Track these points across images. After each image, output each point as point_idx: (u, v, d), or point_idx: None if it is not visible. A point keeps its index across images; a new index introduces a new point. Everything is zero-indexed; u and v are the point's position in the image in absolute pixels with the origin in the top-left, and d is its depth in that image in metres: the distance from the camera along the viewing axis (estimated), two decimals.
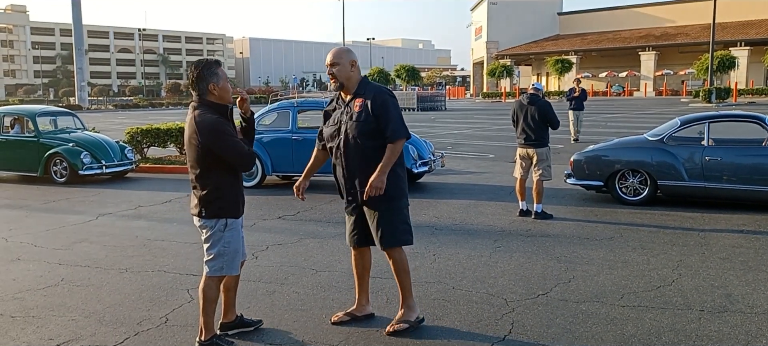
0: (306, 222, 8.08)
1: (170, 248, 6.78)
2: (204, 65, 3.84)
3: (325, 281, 5.48)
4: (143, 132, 14.86)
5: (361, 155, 4.18)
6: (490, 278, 5.49)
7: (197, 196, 3.88)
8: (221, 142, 3.75)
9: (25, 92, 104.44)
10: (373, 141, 4.15)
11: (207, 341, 3.98)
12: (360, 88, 4.25)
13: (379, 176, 4.11)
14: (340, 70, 4.20)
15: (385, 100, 4.20)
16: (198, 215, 3.89)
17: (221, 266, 3.91)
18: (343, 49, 4.32)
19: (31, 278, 5.75)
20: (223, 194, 3.86)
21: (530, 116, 7.85)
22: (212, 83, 3.82)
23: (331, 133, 4.30)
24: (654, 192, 8.72)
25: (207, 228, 3.89)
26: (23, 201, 10.17)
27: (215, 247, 3.89)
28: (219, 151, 3.76)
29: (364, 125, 4.15)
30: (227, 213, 3.88)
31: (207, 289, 3.94)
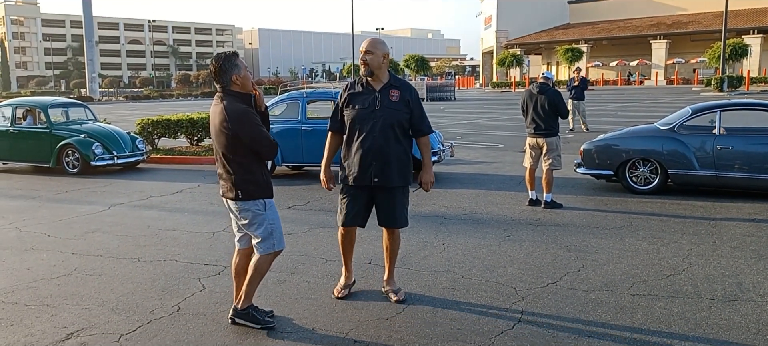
0: (316, 212, 8.12)
1: (182, 238, 6.84)
2: (224, 58, 3.98)
3: (334, 270, 5.51)
4: (154, 123, 14.94)
5: (396, 141, 4.52)
6: (500, 267, 5.50)
7: (231, 181, 4.00)
8: (250, 130, 3.90)
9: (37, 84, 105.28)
10: (403, 129, 4.55)
11: (243, 310, 4.17)
12: (393, 80, 4.62)
13: (429, 172, 4.74)
14: (373, 59, 4.48)
15: (417, 95, 4.69)
16: (235, 198, 4.01)
17: (272, 243, 4.09)
18: (378, 40, 4.62)
19: (45, 267, 5.82)
20: (256, 177, 4.02)
21: (540, 105, 7.82)
22: (234, 74, 3.95)
23: (362, 115, 4.51)
24: (664, 181, 8.68)
25: (247, 211, 4.02)
26: (36, 192, 10.27)
27: (261, 227, 4.05)
28: (247, 139, 3.89)
29: (401, 114, 4.50)
30: (264, 193, 4.05)
31: (261, 264, 4.12)
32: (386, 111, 4.45)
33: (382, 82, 4.52)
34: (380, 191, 4.56)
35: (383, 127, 4.45)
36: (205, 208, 8.58)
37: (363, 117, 4.49)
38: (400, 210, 4.64)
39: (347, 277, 4.94)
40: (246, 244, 4.23)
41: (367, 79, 4.54)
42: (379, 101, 4.47)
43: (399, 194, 4.61)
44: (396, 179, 4.53)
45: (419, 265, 5.64)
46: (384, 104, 4.47)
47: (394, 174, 4.51)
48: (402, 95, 4.50)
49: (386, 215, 4.63)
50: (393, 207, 4.60)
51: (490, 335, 4.05)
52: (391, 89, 4.50)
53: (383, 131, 4.45)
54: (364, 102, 4.51)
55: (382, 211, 4.64)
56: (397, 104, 4.47)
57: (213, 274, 5.49)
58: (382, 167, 4.48)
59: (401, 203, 4.63)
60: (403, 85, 4.59)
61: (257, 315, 4.19)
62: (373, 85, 4.53)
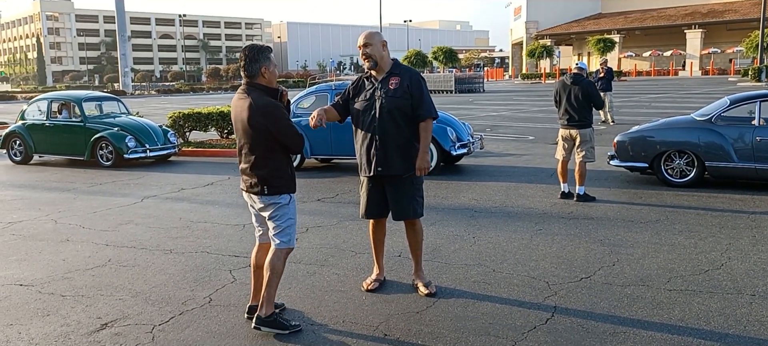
0: (345, 205, 8.11)
1: (213, 230, 6.89)
2: (258, 48, 3.97)
3: (364, 263, 5.49)
4: (185, 116, 15.11)
5: (396, 129, 4.49)
6: (532, 261, 5.41)
7: (257, 175, 3.96)
8: (279, 123, 3.88)
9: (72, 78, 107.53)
10: (405, 117, 4.48)
11: (268, 318, 4.05)
12: (394, 68, 4.60)
13: (424, 156, 4.52)
14: (373, 49, 4.51)
15: (419, 80, 4.62)
16: (260, 193, 3.98)
17: (289, 238, 4.05)
18: (373, 31, 4.67)
19: (80, 258, 5.92)
20: (283, 172, 3.99)
21: (573, 96, 7.68)
22: (264, 66, 3.93)
23: (364, 107, 4.55)
24: (701, 174, 8.46)
25: (272, 205, 3.99)
26: (71, 184, 10.47)
27: (282, 220, 4.01)
28: (276, 132, 3.87)
29: (401, 101, 4.46)
30: (288, 189, 4.02)
31: (276, 262, 4.04)
32: (386, 100, 4.45)
33: (384, 72, 4.53)
34: (388, 181, 4.57)
35: (382, 115, 4.45)
36: (235, 200, 8.64)
37: (365, 108, 4.53)
38: (409, 200, 4.57)
39: (378, 273, 4.92)
40: (267, 239, 4.18)
41: (372, 72, 4.56)
42: (380, 91, 4.48)
43: (406, 183, 4.56)
44: (399, 166, 4.51)
45: (449, 258, 5.58)
46: (383, 93, 4.46)
47: (396, 162, 4.49)
48: (401, 82, 4.46)
49: (395, 206, 4.62)
50: (400, 198, 4.58)
51: (522, 330, 3.99)
52: (391, 77, 4.50)
53: (382, 120, 4.45)
54: (367, 93, 4.55)
55: (390, 203, 4.63)
56: (396, 91, 4.45)
57: (243, 266, 5.51)
58: (383, 156, 4.48)
59: (409, 193, 4.58)
60: (404, 71, 4.55)
61: (282, 321, 4.08)
62: (376, 77, 4.56)
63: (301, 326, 4.12)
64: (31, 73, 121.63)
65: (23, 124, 13.39)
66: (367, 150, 4.53)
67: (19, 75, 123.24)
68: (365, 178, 4.65)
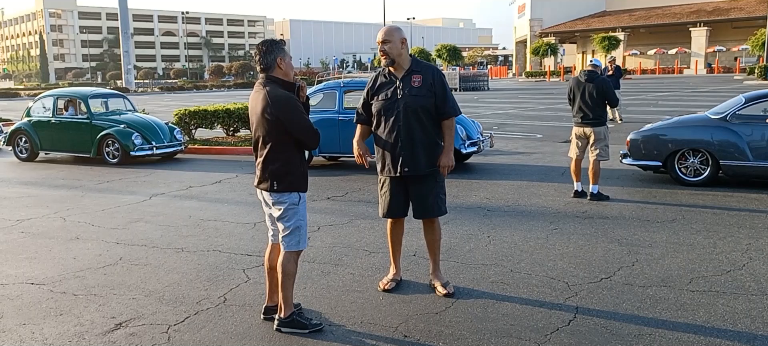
0: (355, 203, 8.03)
1: (223, 228, 6.82)
2: (272, 41, 3.90)
3: (379, 263, 5.42)
4: (191, 113, 15.04)
5: (421, 127, 4.42)
6: (549, 261, 5.33)
7: (268, 170, 3.87)
8: (294, 117, 3.78)
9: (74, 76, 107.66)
10: (429, 114, 4.40)
11: (287, 319, 3.99)
12: (415, 65, 4.51)
13: (449, 155, 4.48)
14: (391, 47, 4.40)
15: (442, 77, 4.54)
16: (269, 189, 3.88)
17: (298, 239, 3.94)
18: (393, 27, 4.53)
19: (91, 256, 5.85)
20: (295, 168, 3.89)
21: (588, 94, 7.59)
22: (279, 57, 3.86)
23: (386, 106, 4.46)
24: (716, 172, 8.37)
25: (281, 203, 3.89)
26: (78, 181, 10.40)
27: (291, 220, 3.90)
28: (291, 126, 3.78)
29: (425, 99, 4.38)
30: (299, 187, 3.91)
31: (287, 264, 3.94)
32: (409, 98, 4.36)
33: (403, 69, 4.43)
34: (412, 179, 4.50)
35: (407, 115, 4.38)
36: (245, 198, 8.57)
37: (387, 107, 4.44)
38: (433, 199, 4.52)
39: (395, 272, 4.84)
40: (278, 239, 4.06)
41: (390, 69, 4.47)
42: (401, 89, 4.39)
43: (430, 181, 4.50)
44: (425, 165, 4.45)
45: (465, 258, 5.50)
46: (406, 92, 4.37)
47: (422, 161, 4.44)
48: (424, 79, 4.39)
49: (418, 204, 4.55)
50: (424, 196, 4.52)
51: (545, 332, 3.91)
52: (413, 75, 4.41)
53: (407, 119, 4.38)
54: (387, 92, 4.45)
55: (414, 201, 4.57)
56: (420, 90, 4.37)
57: (256, 265, 5.44)
58: (410, 155, 4.41)
59: (433, 191, 4.52)
60: (426, 68, 4.48)
61: (303, 320, 4.01)
62: (395, 74, 4.46)
63: (322, 325, 4.05)
64: (34, 70, 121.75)
65: (29, 121, 13.32)
66: (391, 150, 4.44)
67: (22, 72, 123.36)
68: (388, 177, 4.56)
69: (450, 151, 4.50)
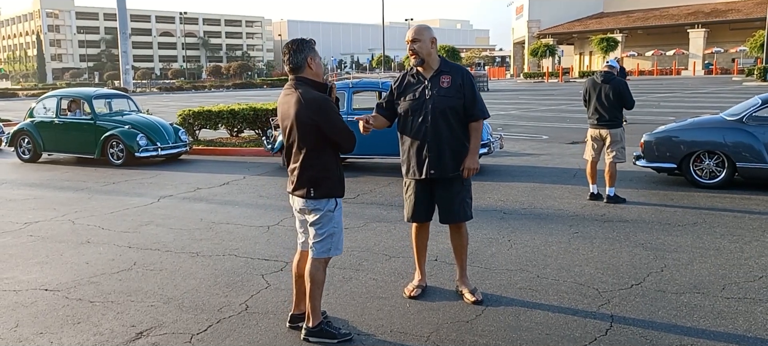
0: (369, 205, 7.90)
1: (237, 232, 6.68)
2: (301, 40, 3.75)
3: (400, 268, 5.29)
4: (195, 114, 14.90)
5: (449, 129, 4.30)
6: (575, 266, 5.21)
7: (304, 176, 3.72)
8: (332, 120, 3.64)
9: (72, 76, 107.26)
10: (458, 116, 4.29)
11: (315, 328, 3.84)
12: (444, 65, 4.38)
13: (474, 158, 4.36)
14: (421, 46, 4.28)
15: (471, 78, 4.43)
16: (306, 196, 3.73)
17: (329, 247, 3.79)
18: (423, 26, 4.39)
19: (104, 261, 5.71)
20: (332, 173, 3.75)
21: (604, 95, 7.48)
22: (310, 56, 3.72)
23: (413, 106, 4.33)
24: (731, 175, 8.27)
25: (317, 210, 3.75)
26: (83, 183, 10.25)
27: (326, 227, 3.76)
28: (327, 129, 3.63)
29: (453, 100, 4.26)
30: (336, 192, 3.78)
31: (315, 272, 3.79)
32: (437, 99, 4.24)
33: (432, 70, 4.31)
34: (438, 183, 4.38)
35: (435, 116, 4.26)
36: (255, 200, 8.44)
37: (415, 108, 4.31)
38: (459, 203, 4.41)
39: (420, 279, 4.71)
40: (308, 246, 3.90)
41: (418, 69, 4.35)
42: (430, 90, 4.27)
43: (457, 185, 4.38)
44: (452, 168, 4.34)
45: (488, 262, 5.38)
46: (435, 92, 4.26)
47: (449, 164, 4.32)
48: (453, 80, 4.27)
49: (445, 209, 4.44)
50: (451, 200, 4.40)
51: (582, 342, 3.79)
52: (442, 76, 4.29)
53: (435, 121, 4.26)
54: (415, 92, 4.33)
55: (440, 205, 4.45)
56: (449, 90, 4.25)
57: (275, 270, 5.31)
58: (437, 158, 4.29)
59: (460, 195, 4.41)
60: (455, 69, 4.36)
61: (331, 329, 3.88)
62: (423, 74, 4.34)
63: (351, 335, 3.91)
64: (31, 70, 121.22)
65: (32, 121, 13.16)
66: (417, 152, 4.32)
67: (19, 72, 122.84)
68: (413, 180, 4.44)
69: (476, 154, 4.40)
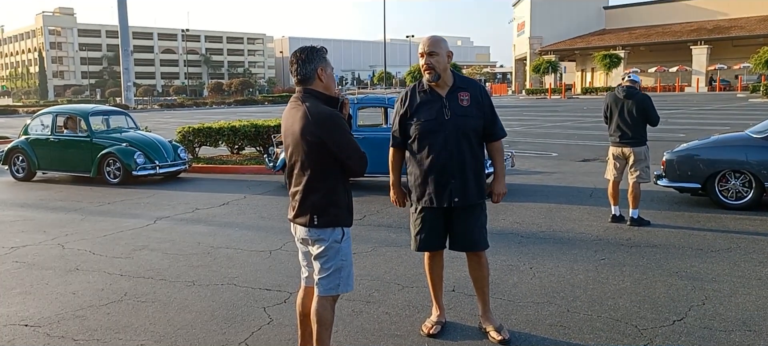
0: (376, 228, 7.46)
1: (237, 257, 6.24)
2: (311, 48, 3.29)
3: (415, 299, 4.84)
4: (195, 131, 14.50)
5: (472, 153, 3.89)
6: (608, 299, 4.76)
7: (307, 202, 3.26)
8: (341, 137, 3.17)
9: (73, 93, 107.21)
10: (478, 136, 3.94)
11: None
12: (459, 80, 3.96)
13: (503, 182, 4.10)
14: (438, 60, 3.85)
15: (488, 95, 4.04)
16: (308, 224, 3.27)
17: (337, 283, 3.31)
18: (438, 37, 3.93)
19: (92, 291, 5.26)
20: (339, 199, 3.28)
21: (627, 111, 7.06)
22: (320, 67, 3.25)
23: (430, 128, 3.87)
24: (759, 196, 7.83)
25: (321, 240, 3.28)
26: (77, 203, 9.82)
27: (332, 261, 3.29)
28: (336, 149, 3.17)
29: (475, 120, 3.90)
30: (343, 221, 3.31)
31: (322, 312, 3.32)
32: (458, 119, 3.83)
33: (447, 86, 3.88)
34: (458, 210, 3.93)
35: (457, 138, 3.82)
36: (256, 222, 8.00)
37: (432, 129, 3.84)
38: (479, 230, 3.99)
39: (439, 314, 4.26)
40: (313, 281, 3.43)
41: (432, 85, 3.89)
42: (448, 109, 3.83)
43: (477, 211, 3.98)
44: (475, 194, 3.92)
45: (511, 294, 4.93)
46: (454, 112, 3.83)
47: (473, 191, 3.90)
48: (472, 97, 3.88)
49: (464, 237, 3.98)
50: (471, 228, 3.95)
51: None
52: (460, 92, 3.87)
53: (458, 143, 3.82)
54: (431, 112, 3.85)
55: (459, 234, 3.98)
56: (469, 109, 3.85)
57: (278, 302, 4.86)
58: (461, 185, 3.86)
59: (479, 221, 4.00)
60: (471, 84, 3.96)
61: None
62: (437, 91, 3.88)
63: None
64: (33, 87, 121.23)
65: (26, 139, 12.75)
66: (437, 178, 3.85)
67: (21, 89, 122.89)
68: (425, 208, 3.98)
69: (503, 177, 4.11)
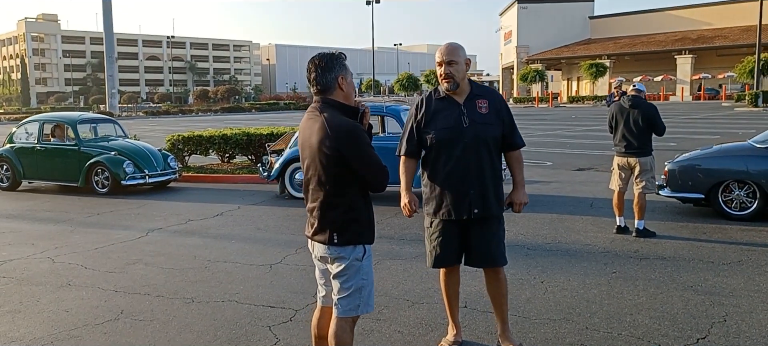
0: (379, 239, 7.16)
1: (236, 272, 6.02)
2: (331, 55, 3.11)
3: (426, 317, 4.66)
4: (184, 139, 14.24)
5: (490, 161, 3.74)
6: (626, 315, 4.60)
7: (327, 218, 3.08)
8: (362, 152, 2.99)
9: (57, 100, 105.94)
10: (497, 145, 3.82)
11: None
12: (476, 88, 3.83)
13: (524, 191, 3.98)
14: (457, 69, 3.72)
15: (505, 103, 3.90)
16: (328, 242, 3.08)
17: (358, 304, 3.11)
18: (457, 45, 3.80)
19: (86, 309, 5.02)
20: (360, 215, 3.10)
21: (633, 121, 6.95)
22: (341, 75, 3.08)
23: (448, 136, 3.71)
24: (764, 206, 7.74)
25: (342, 259, 3.09)
26: (65, 214, 9.53)
27: (352, 280, 3.09)
28: (356, 163, 2.99)
29: (495, 129, 3.78)
30: (365, 238, 3.13)
31: (341, 334, 3.12)
32: (477, 127, 3.69)
33: (464, 93, 3.76)
34: (475, 222, 3.76)
35: (477, 147, 3.68)
36: (253, 234, 7.78)
37: (451, 138, 3.69)
38: (497, 245, 3.83)
39: (456, 333, 4.09)
40: (330, 301, 3.25)
41: (449, 93, 3.75)
42: (467, 117, 3.69)
43: (495, 224, 3.83)
44: (495, 206, 3.77)
45: (525, 310, 4.76)
46: (473, 119, 3.69)
47: (493, 201, 3.76)
48: (491, 105, 3.75)
49: (482, 252, 3.81)
50: (489, 241, 3.80)
51: None
52: (478, 100, 3.75)
53: (477, 152, 3.68)
54: (449, 119, 3.71)
55: (476, 248, 3.81)
56: (488, 117, 3.73)
57: (283, 320, 4.65)
58: (481, 195, 3.71)
59: (498, 235, 3.85)
60: (489, 92, 3.86)
61: None
62: (455, 98, 3.74)
63: None
64: (15, 94, 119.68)
65: (11, 147, 12.43)
66: (457, 189, 3.70)
67: (2, 97, 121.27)
68: (443, 220, 3.81)
69: (524, 187, 3.98)
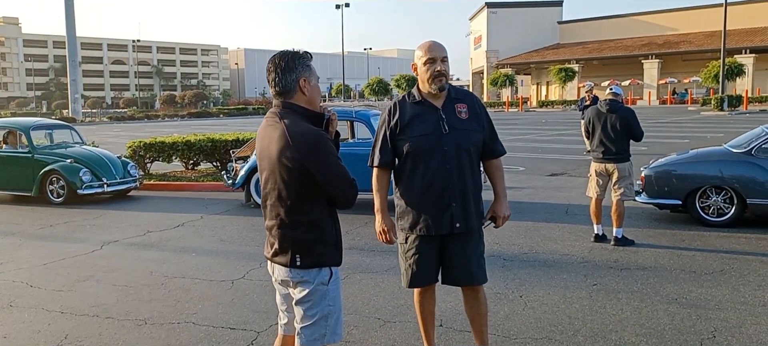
0: (347, 251, 6.85)
1: (194, 289, 5.61)
2: (292, 54, 2.75)
3: (399, 337, 4.33)
4: (146, 146, 13.68)
5: (472, 172, 3.46)
6: (611, 332, 4.34)
7: (288, 238, 2.73)
8: (326, 162, 2.65)
9: (18, 105, 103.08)
10: (478, 153, 3.52)
11: None
12: (454, 91, 3.52)
13: (506, 202, 3.64)
14: (448, 67, 3.42)
15: (485, 107, 3.60)
16: (290, 264, 2.73)
17: (323, 333, 2.75)
18: (440, 42, 3.47)
19: (27, 334, 4.57)
20: (325, 234, 2.75)
21: (610, 126, 6.74)
22: (304, 78, 2.73)
23: (426, 144, 3.37)
24: (741, 212, 7.60)
25: (305, 283, 2.74)
26: (16, 226, 8.97)
27: (317, 307, 2.74)
28: (321, 177, 2.65)
29: (476, 135, 3.47)
30: (331, 260, 2.78)
31: None
32: (458, 133, 3.38)
33: (442, 97, 3.43)
34: (454, 237, 3.43)
35: (458, 155, 3.36)
36: (215, 246, 7.36)
37: (429, 146, 3.35)
38: (477, 260, 3.51)
39: None
40: (293, 329, 2.88)
41: (422, 95, 3.42)
42: (446, 123, 3.37)
43: (475, 239, 3.51)
44: (476, 219, 3.46)
45: (505, 328, 4.46)
46: (452, 125, 3.37)
47: (475, 215, 3.45)
48: (470, 109, 3.45)
49: (462, 269, 3.48)
50: (469, 258, 3.47)
51: None
52: (457, 104, 3.44)
53: (458, 161, 3.36)
54: (426, 125, 3.36)
55: (456, 266, 3.49)
56: (469, 122, 3.42)
57: (244, 344, 4.27)
58: (463, 208, 3.39)
59: (478, 250, 3.53)
60: (468, 96, 3.55)
61: None
62: (432, 102, 3.41)
63: None
64: None
65: None
66: (436, 202, 3.37)
67: None
68: (419, 236, 3.47)
69: (506, 198, 3.65)
